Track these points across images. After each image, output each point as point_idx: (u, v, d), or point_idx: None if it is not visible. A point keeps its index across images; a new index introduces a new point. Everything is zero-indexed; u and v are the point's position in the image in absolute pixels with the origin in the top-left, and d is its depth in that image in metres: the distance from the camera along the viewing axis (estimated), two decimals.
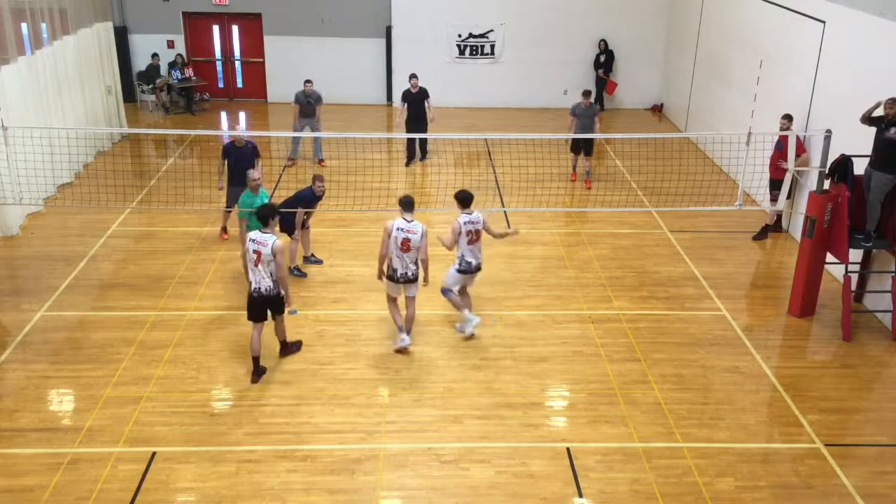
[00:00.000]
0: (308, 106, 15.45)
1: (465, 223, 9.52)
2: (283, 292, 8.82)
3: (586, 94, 14.61)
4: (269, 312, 8.96)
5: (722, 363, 9.56)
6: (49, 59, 14.05)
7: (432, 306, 10.29)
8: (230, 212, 11.97)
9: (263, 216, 8.78)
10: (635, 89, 20.36)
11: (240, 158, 11.66)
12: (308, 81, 15.47)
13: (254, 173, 10.38)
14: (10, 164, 10.75)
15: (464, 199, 9.61)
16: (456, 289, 9.90)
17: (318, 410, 8.49)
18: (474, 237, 9.59)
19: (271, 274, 8.66)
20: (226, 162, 11.82)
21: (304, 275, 11.33)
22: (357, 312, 10.47)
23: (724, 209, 12.64)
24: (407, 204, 9.24)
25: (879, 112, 9.82)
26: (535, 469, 7.71)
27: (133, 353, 9.40)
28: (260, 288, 8.70)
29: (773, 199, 12.26)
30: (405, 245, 9.12)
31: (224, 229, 12.48)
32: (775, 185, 12.10)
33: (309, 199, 10.95)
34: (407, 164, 16.03)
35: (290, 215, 10.92)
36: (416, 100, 15.56)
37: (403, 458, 7.83)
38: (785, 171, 11.13)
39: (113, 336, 9.75)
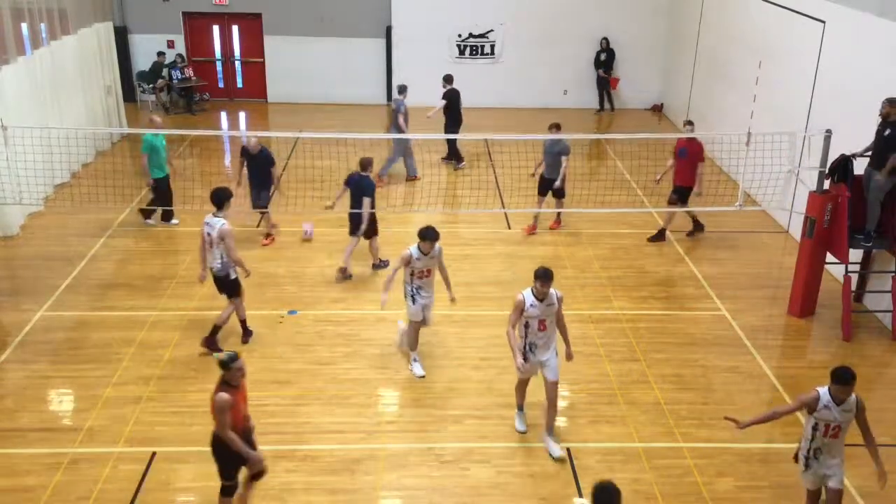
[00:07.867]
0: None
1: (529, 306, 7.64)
2: (232, 275, 9.24)
3: (552, 127, 12.39)
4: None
5: (722, 363, 9.55)
6: (48, 59, 14.04)
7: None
8: (265, 211, 12.47)
9: (218, 199, 9.14)
10: (635, 89, 20.35)
11: (251, 164, 12.11)
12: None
13: (155, 118, 12.45)
14: (9, 163, 10.75)
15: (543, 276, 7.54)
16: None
17: (318, 410, 8.50)
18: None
19: (221, 255, 9.06)
20: (244, 161, 12.26)
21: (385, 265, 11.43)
22: (357, 312, 10.47)
23: (724, 209, 12.64)
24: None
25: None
26: (535, 469, 7.71)
27: (133, 353, 9.40)
28: (212, 267, 9.25)
29: (671, 203, 12.64)
30: None
31: (267, 235, 12.54)
32: (679, 191, 12.50)
33: (366, 186, 10.84)
34: (456, 168, 16.06)
35: (355, 215, 11.02)
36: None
37: (403, 458, 7.83)
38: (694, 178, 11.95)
39: (113, 336, 9.75)
